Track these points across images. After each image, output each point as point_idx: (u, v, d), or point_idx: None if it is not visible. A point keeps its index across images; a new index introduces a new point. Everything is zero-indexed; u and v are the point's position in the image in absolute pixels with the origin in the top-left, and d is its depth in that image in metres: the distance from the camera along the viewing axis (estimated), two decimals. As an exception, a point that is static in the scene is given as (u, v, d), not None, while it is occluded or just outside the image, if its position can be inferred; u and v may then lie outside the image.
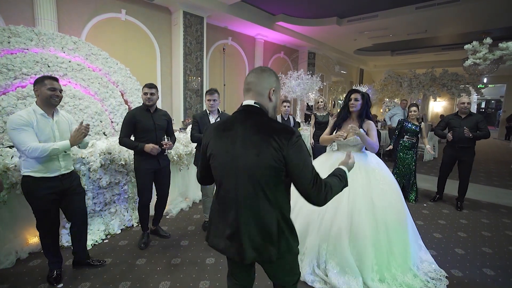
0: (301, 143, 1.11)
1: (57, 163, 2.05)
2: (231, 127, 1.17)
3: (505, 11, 6.04)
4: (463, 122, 3.78)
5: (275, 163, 1.08)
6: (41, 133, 1.94)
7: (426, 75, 9.03)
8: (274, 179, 1.12)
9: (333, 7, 6.87)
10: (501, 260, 2.65)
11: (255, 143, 1.11)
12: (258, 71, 1.21)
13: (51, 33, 3.58)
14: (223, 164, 1.17)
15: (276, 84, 1.22)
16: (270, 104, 1.22)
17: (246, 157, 1.11)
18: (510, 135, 12.27)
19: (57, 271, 2.21)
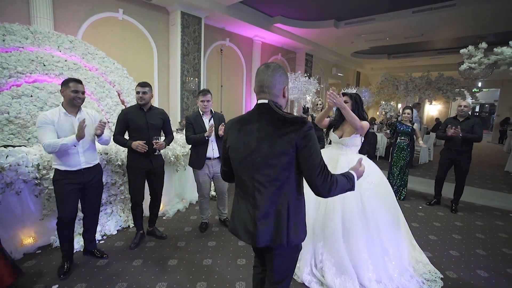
0: (312, 133, 1.18)
1: (77, 158, 2.21)
2: (248, 123, 1.27)
3: (499, 16, 6.14)
4: (460, 125, 3.78)
5: (287, 150, 1.16)
6: (61, 129, 2.15)
7: (422, 78, 9.13)
8: (286, 168, 1.19)
9: (330, 10, 6.91)
10: (494, 261, 2.69)
11: (269, 135, 1.20)
12: (269, 73, 1.24)
13: (47, 31, 3.54)
14: (240, 156, 1.28)
15: (287, 81, 1.30)
16: (284, 100, 1.31)
17: (260, 149, 1.21)
18: (504, 138, 12.43)
19: (67, 263, 2.31)
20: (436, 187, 4.22)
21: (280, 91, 1.26)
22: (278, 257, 1.31)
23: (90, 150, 2.31)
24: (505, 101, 13.38)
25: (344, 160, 2.42)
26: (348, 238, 2.18)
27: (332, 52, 10.62)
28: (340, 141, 2.50)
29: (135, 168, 2.65)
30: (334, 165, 2.42)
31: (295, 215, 1.25)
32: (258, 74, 1.27)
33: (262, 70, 1.26)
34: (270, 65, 1.27)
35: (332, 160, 2.47)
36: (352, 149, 2.50)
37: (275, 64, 1.27)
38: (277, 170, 1.20)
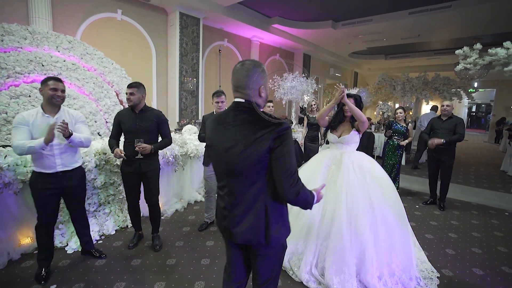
0: (287, 135, 1.15)
1: (52, 161, 2.10)
2: (224, 122, 1.25)
3: (494, 18, 6.21)
4: (443, 124, 3.95)
5: (261, 152, 1.14)
6: (36, 130, 2.03)
7: (419, 79, 9.19)
8: (262, 169, 1.17)
9: (328, 11, 6.96)
10: (489, 260, 2.72)
11: (244, 136, 1.17)
12: (243, 73, 1.20)
13: (46, 32, 3.54)
14: (217, 154, 1.27)
15: (264, 80, 1.24)
16: (261, 100, 1.27)
17: (235, 149, 1.18)
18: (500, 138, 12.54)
19: (44, 269, 2.21)
20: (430, 186, 4.29)
21: (255, 91, 1.22)
22: (260, 257, 1.30)
23: (68, 152, 2.18)
24: (501, 101, 13.51)
25: (347, 158, 2.44)
26: (356, 235, 2.18)
27: (330, 53, 10.68)
28: (340, 140, 2.53)
29: (125, 171, 2.60)
30: (338, 165, 2.44)
31: (274, 215, 1.23)
32: (233, 73, 1.23)
33: (237, 69, 1.22)
34: (245, 63, 1.22)
35: (335, 159, 2.50)
36: (351, 146, 2.54)
37: (251, 62, 1.22)
38: (252, 171, 1.18)
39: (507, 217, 3.89)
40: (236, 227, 1.25)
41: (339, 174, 2.40)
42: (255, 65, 1.22)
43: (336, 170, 2.44)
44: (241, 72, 1.21)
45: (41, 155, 2.05)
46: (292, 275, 2.31)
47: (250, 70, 1.20)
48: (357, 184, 2.31)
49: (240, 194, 1.23)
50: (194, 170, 4.08)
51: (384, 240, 2.21)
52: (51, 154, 2.08)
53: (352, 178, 2.33)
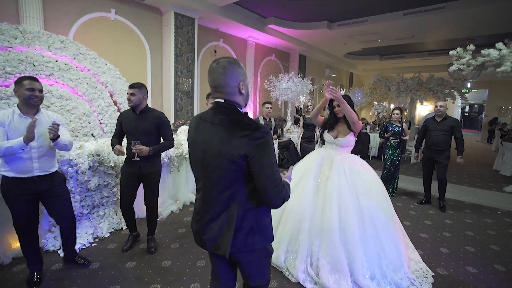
0: (265, 141, 1.08)
1: (29, 164, 1.99)
2: (204, 122, 1.21)
3: (487, 20, 6.29)
4: (438, 125, 3.97)
5: (236, 158, 1.08)
6: (14, 132, 1.94)
7: (413, 79, 9.28)
8: (236, 174, 1.12)
9: (323, 12, 6.98)
10: (483, 258, 2.75)
11: (220, 138, 1.12)
12: (220, 70, 1.14)
13: (37, 31, 3.48)
14: (194, 154, 1.24)
15: (242, 76, 1.18)
16: (241, 98, 1.20)
17: (210, 151, 1.14)
18: (492, 138, 12.72)
19: (36, 273, 2.16)
20: (425, 186, 4.32)
21: (234, 89, 1.16)
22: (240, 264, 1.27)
23: (46, 156, 2.08)
24: (493, 102, 13.71)
25: (339, 159, 2.47)
26: (345, 235, 2.21)
27: (325, 53, 10.71)
28: (335, 142, 2.55)
29: (125, 172, 2.58)
30: (330, 165, 2.47)
31: (248, 223, 1.17)
32: (209, 73, 1.17)
33: (212, 68, 1.16)
34: (220, 61, 1.15)
35: (328, 159, 2.52)
36: (346, 149, 2.55)
37: (226, 60, 1.15)
38: (226, 175, 1.13)
39: (499, 215, 3.95)
40: (205, 233, 1.21)
41: (330, 174, 2.42)
42: (231, 61, 1.15)
43: (327, 170, 2.47)
44: (217, 70, 1.14)
45: (16, 158, 1.93)
46: (288, 276, 2.31)
47: (226, 68, 1.14)
48: (346, 185, 2.33)
49: (213, 198, 1.18)
50: (190, 171, 4.05)
51: (373, 241, 2.24)
52: (29, 157, 1.98)
53: (343, 180, 2.36)
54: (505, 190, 5.18)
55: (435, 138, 3.94)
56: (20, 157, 1.95)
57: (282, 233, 2.47)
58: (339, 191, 2.31)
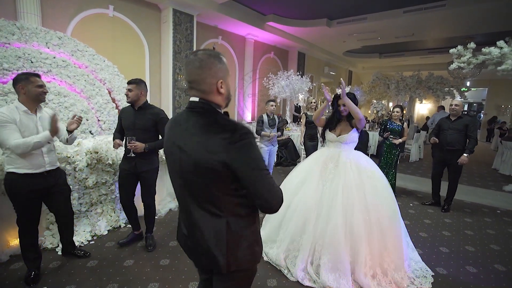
0: (247, 142, 0.93)
1: (41, 159, 2.05)
2: (177, 124, 1.06)
3: (487, 18, 6.27)
4: (452, 124, 3.80)
5: (214, 164, 0.93)
6: (25, 129, 1.96)
7: (413, 77, 9.27)
8: (219, 183, 0.97)
9: (323, 9, 6.94)
10: (482, 257, 2.75)
11: (194, 143, 0.98)
12: (197, 64, 0.98)
13: (35, 27, 3.45)
14: (170, 165, 1.10)
15: (222, 73, 1.02)
16: (220, 98, 1.04)
17: (185, 158, 1.00)
18: (491, 137, 12.73)
19: (34, 271, 2.16)
20: (433, 187, 4.15)
21: (212, 86, 1.00)
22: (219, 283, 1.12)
23: (52, 151, 2.16)
24: (493, 100, 13.71)
25: (344, 157, 2.45)
26: (350, 234, 2.19)
27: (325, 51, 10.68)
28: (338, 139, 2.53)
29: (122, 169, 2.57)
30: (336, 163, 2.45)
31: (237, 238, 1.03)
32: (185, 66, 1.02)
33: (189, 61, 1.00)
34: (198, 53, 1.00)
35: (333, 157, 2.50)
36: (350, 145, 2.53)
37: (205, 52, 1.00)
38: (208, 187, 0.98)
39: (499, 215, 3.95)
40: (193, 250, 1.10)
41: (336, 172, 2.40)
42: (210, 55, 1.00)
43: (333, 168, 2.44)
44: (194, 63, 0.98)
45: (30, 154, 1.97)
46: (287, 274, 2.30)
47: (204, 61, 0.98)
48: (353, 183, 2.31)
49: (194, 212, 1.04)
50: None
51: (378, 240, 2.22)
52: (39, 153, 2.04)
53: (349, 178, 2.33)
54: (505, 189, 5.19)
55: (448, 137, 3.77)
56: (33, 153, 1.99)
57: (285, 232, 2.45)
58: (345, 189, 2.29)
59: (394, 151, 4.32)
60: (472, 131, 3.70)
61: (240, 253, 1.04)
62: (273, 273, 2.33)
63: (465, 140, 3.76)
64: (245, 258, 1.06)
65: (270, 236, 2.60)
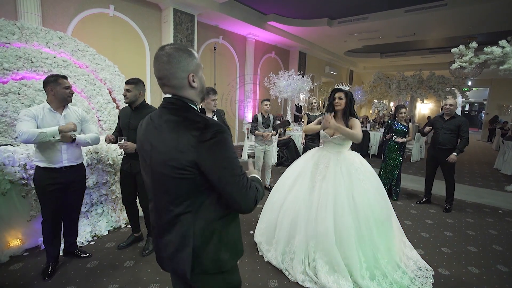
0: (219, 140, 0.90)
1: (59, 155, 2.14)
2: (151, 123, 1.03)
3: (489, 17, 6.24)
4: (445, 124, 3.82)
5: (185, 166, 0.90)
6: (46, 125, 2.06)
7: (414, 77, 9.24)
8: (190, 183, 0.93)
9: (324, 8, 6.92)
10: (485, 258, 2.73)
11: (164, 142, 0.94)
12: (164, 59, 0.94)
13: (35, 27, 3.44)
14: (142, 163, 1.07)
15: (193, 66, 0.98)
16: (193, 92, 1.01)
17: (154, 157, 0.97)
18: (493, 136, 12.70)
19: (52, 264, 2.24)
20: (426, 185, 4.23)
21: (183, 81, 0.97)
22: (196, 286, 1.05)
23: (73, 148, 2.22)
24: (494, 100, 13.67)
25: (336, 158, 2.43)
26: (340, 236, 2.18)
27: (326, 51, 10.66)
28: (332, 140, 2.49)
29: (121, 169, 2.57)
30: (327, 164, 2.42)
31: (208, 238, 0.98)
32: (154, 62, 0.98)
33: (156, 56, 0.97)
34: (166, 48, 0.96)
35: (325, 158, 2.47)
36: (344, 146, 2.49)
37: (172, 46, 0.96)
38: (177, 186, 0.94)
39: (501, 215, 3.92)
40: (161, 250, 1.04)
41: (326, 173, 2.38)
42: (178, 48, 0.96)
43: (324, 169, 2.42)
44: (161, 58, 0.95)
45: (48, 149, 2.08)
46: (288, 276, 2.29)
47: (171, 55, 0.94)
48: (343, 186, 2.29)
49: (164, 212, 1.00)
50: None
51: (369, 242, 2.21)
52: (58, 149, 2.12)
53: (339, 180, 2.31)
54: (507, 189, 5.16)
55: (441, 136, 3.81)
56: (51, 148, 2.09)
57: (279, 233, 2.44)
58: (335, 191, 2.28)
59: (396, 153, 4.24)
60: (465, 132, 3.73)
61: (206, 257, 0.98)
62: (274, 274, 2.32)
63: (457, 140, 3.80)
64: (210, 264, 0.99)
65: (267, 237, 2.59)
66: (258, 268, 2.41)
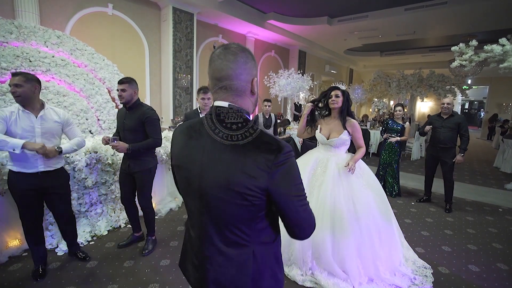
0: (292, 163, 0.80)
1: (33, 160, 2.01)
2: (197, 135, 0.87)
3: (489, 15, 6.23)
4: (444, 122, 3.80)
5: (250, 191, 0.78)
6: (17, 128, 1.94)
7: (414, 76, 9.22)
8: (251, 210, 0.81)
9: (324, 7, 6.90)
10: (485, 256, 2.73)
11: (227, 164, 0.80)
12: (230, 58, 0.82)
13: (33, 26, 3.43)
14: (185, 183, 0.91)
15: (256, 71, 0.89)
16: (252, 100, 0.91)
17: (214, 181, 0.82)
18: (492, 135, 12.69)
19: (41, 265, 2.20)
20: (426, 184, 4.22)
21: (247, 84, 0.86)
22: None
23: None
24: (494, 98, 13.66)
25: (334, 162, 2.34)
26: (338, 247, 2.13)
27: (325, 49, 10.64)
28: (328, 142, 2.40)
29: (120, 168, 2.56)
30: (324, 169, 2.34)
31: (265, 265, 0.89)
32: (212, 61, 0.85)
33: (217, 54, 0.84)
34: (231, 46, 0.84)
35: (322, 163, 2.38)
36: (341, 149, 2.41)
37: (237, 46, 0.85)
38: (235, 212, 0.82)
39: (501, 213, 3.92)
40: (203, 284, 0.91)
41: (324, 178, 2.29)
42: (244, 49, 0.85)
43: (321, 174, 2.32)
44: (226, 57, 0.82)
45: (21, 155, 1.93)
46: (288, 275, 2.28)
47: (238, 55, 0.82)
48: (341, 191, 2.22)
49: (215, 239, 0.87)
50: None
51: (370, 250, 2.16)
52: (33, 154, 1.99)
53: (337, 185, 2.23)
54: (506, 188, 5.16)
55: (441, 135, 3.79)
56: (25, 153, 1.95)
57: None
58: (333, 198, 2.19)
59: (393, 151, 4.26)
60: (465, 130, 3.73)
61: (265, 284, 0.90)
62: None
63: (456, 138, 3.79)
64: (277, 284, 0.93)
65: None
66: None
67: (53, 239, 2.62)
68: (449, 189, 3.93)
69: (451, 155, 3.82)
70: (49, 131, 2.06)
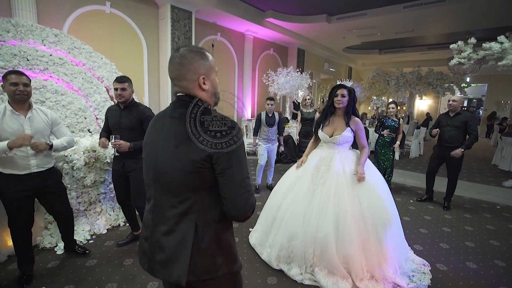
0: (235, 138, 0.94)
1: (26, 161, 1.98)
2: (161, 119, 1.04)
3: (487, 13, 6.23)
4: (451, 121, 3.71)
5: (198, 157, 0.91)
6: (5, 129, 1.89)
7: (413, 73, 9.23)
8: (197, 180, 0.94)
9: (322, 5, 6.88)
10: (482, 253, 2.75)
11: (178, 133, 0.95)
12: (176, 62, 0.96)
13: (30, 24, 3.40)
14: (146, 158, 1.06)
15: (205, 69, 0.98)
16: (204, 94, 1.00)
17: (165, 150, 0.97)
18: (491, 133, 12.73)
19: (27, 272, 2.13)
20: (428, 182, 4.14)
21: (193, 83, 0.97)
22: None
23: (44, 153, 2.07)
24: (492, 96, 13.70)
25: (338, 158, 2.34)
26: (342, 243, 2.11)
27: (324, 47, 10.62)
28: (331, 140, 2.39)
29: (113, 169, 2.55)
30: (328, 165, 2.34)
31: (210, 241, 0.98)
32: (169, 63, 1.00)
33: (170, 57, 0.99)
34: (180, 49, 0.97)
35: (326, 159, 2.38)
36: (344, 146, 2.41)
37: (186, 48, 0.97)
38: (184, 182, 0.94)
39: (498, 210, 3.94)
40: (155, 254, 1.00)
41: (328, 176, 2.29)
42: (192, 50, 0.97)
43: (325, 172, 2.32)
44: (174, 60, 0.97)
45: (12, 156, 1.90)
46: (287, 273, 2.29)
47: (184, 57, 0.95)
48: (346, 189, 2.21)
49: (165, 210, 0.98)
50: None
51: (375, 247, 2.15)
52: (25, 155, 1.97)
53: (342, 182, 2.23)
54: (504, 185, 5.19)
55: (446, 134, 3.68)
56: (16, 155, 1.92)
57: (274, 238, 2.39)
58: (337, 195, 2.19)
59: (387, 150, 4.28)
60: (473, 128, 3.60)
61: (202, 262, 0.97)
62: (273, 271, 2.32)
63: (464, 137, 3.68)
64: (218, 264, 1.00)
65: (260, 241, 2.56)
66: (257, 266, 2.41)
67: (52, 238, 2.62)
68: (451, 188, 3.88)
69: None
70: (39, 131, 2.02)
